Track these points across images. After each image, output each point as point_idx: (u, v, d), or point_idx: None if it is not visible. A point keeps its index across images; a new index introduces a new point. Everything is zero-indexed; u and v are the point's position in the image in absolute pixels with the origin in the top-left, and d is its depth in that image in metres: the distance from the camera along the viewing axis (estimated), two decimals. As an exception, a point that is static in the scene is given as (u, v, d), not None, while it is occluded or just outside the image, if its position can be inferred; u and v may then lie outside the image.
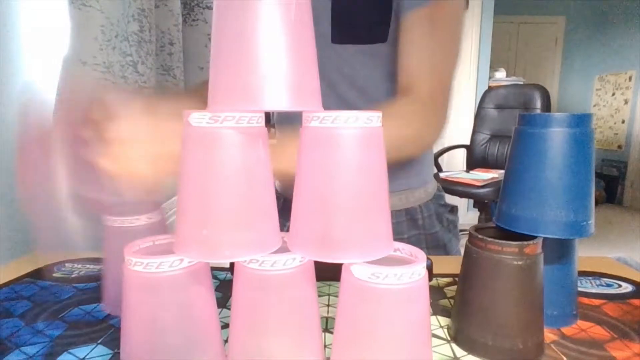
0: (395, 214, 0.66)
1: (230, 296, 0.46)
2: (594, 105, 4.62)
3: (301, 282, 0.29)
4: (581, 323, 0.40)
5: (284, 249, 0.29)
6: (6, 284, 0.48)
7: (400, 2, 0.54)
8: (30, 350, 0.35)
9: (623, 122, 4.24)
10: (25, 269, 0.54)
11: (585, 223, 0.34)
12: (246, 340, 0.30)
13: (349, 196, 0.28)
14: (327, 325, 0.40)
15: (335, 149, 0.28)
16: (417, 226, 0.67)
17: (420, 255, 0.29)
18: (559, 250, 0.35)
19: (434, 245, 0.67)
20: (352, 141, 0.27)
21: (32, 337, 0.37)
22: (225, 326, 0.39)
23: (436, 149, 3.04)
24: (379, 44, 0.57)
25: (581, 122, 0.34)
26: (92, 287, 0.48)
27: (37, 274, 0.51)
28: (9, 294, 0.46)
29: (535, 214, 0.34)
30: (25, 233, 0.71)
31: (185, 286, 0.29)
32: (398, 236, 0.66)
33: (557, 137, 0.34)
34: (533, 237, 0.35)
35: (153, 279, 0.28)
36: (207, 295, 0.31)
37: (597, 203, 4.19)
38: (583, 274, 0.53)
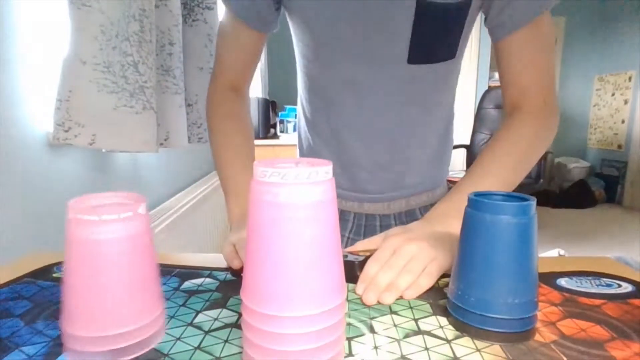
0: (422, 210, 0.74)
1: (230, 296, 0.46)
2: (594, 105, 4.62)
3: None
4: (581, 323, 0.40)
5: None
6: (6, 284, 0.48)
7: (501, 23, 0.56)
8: (30, 350, 0.35)
9: (623, 122, 4.24)
10: (25, 269, 0.54)
11: (528, 303, 0.37)
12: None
13: (296, 254, 0.29)
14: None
15: (283, 208, 0.29)
16: None
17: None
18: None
19: None
20: (300, 198, 0.29)
21: (32, 337, 0.37)
22: (226, 326, 0.39)
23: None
24: (448, 61, 0.62)
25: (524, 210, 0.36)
26: (92, 287, 0.48)
27: (37, 274, 0.51)
28: (9, 294, 0.46)
29: (485, 296, 0.37)
30: (25, 233, 0.71)
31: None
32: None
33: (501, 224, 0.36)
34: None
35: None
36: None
37: (597, 203, 4.20)
38: (583, 274, 0.53)
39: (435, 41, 0.59)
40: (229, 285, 0.49)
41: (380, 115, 0.65)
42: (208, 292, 0.47)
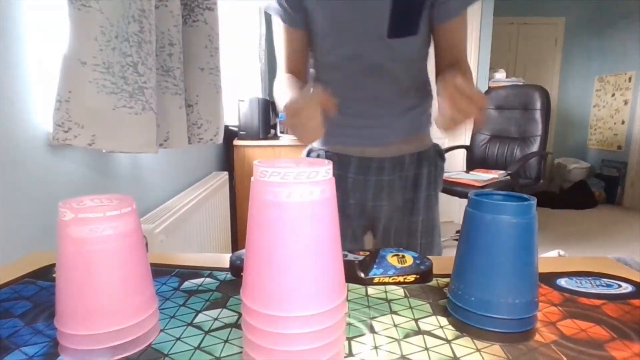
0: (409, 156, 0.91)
1: (230, 296, 0.46)
2: (594, 106, 4.62)
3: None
4: (581, 323, 0.40)
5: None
6: (6, 284, 0.48)
7: (446, 8, 0.79)
8: (30, 350, 0.35)
9: (623, 122, 4.24)
10: (25, 269, 0.54)
11: (528, 304, 0.37)
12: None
13: (296, 254, 0.29)
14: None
15: (283, 208, 0.29)
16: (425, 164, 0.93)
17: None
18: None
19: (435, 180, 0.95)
20: (301, 197, 0.29)
21: (32, 337, 0.37)
22: (226, 326, 0.39)
23: (436, 149, 3.04)
24: (412, 36, 0.80)
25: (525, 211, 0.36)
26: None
27: (37, 274, 0.51)
28: (9, 294, 0.46)
29: (485, 296, 0.37)
30: (25, 233, 0.71)
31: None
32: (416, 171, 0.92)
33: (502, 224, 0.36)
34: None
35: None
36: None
37: (597, 203, 4.19)
38: (583, 274, 0.53)
39: (409, 16, 0.78)
40: (229, 285, 0.49)
41: (375, 79, 0.84)
42: (208, 292, 0.47)
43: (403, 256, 0.51)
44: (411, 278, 0.49)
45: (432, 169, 0.93)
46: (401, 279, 0.49)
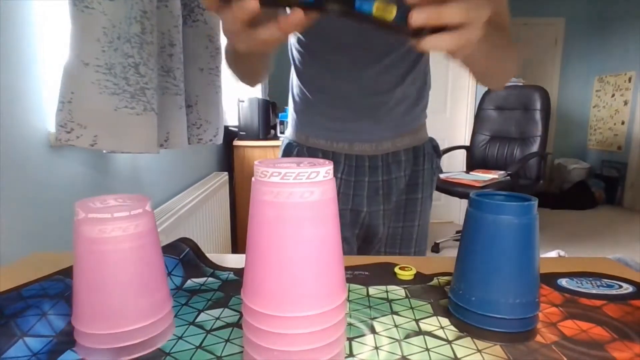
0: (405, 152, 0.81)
1: (232, 296, 0.46)
2: (594, 107, 4.63)
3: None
4: (582, 324, 0.40)
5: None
6: (35, 281, 0.48)
7: None
8: (37, 345, 0.35)
9: (623, 123, 4.25)
10: (26, 270, 0.54)
11: (530, 303, 0.37)
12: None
13: (297, 254, 0.29)
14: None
15: (284, 208, 0.29)
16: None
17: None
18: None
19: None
20: (302, 196, 0.29)
21: (42, 330, 0.37)
22: (228, 326, 0.39)
23: (436, 150, 3.04)
24: None
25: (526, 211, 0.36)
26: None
27: (67, 272, 0.51)
28: (37, 291, 0.45)
29: (486, 296, 0.37)
30: (26, 234, 0.71)
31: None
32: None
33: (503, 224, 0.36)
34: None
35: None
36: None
37: (597, 204, 4.20)
38: (583, 274, 0.53)
39: None
40: (232, 284, 0.49)
41: (371, 69, 0.73)
42: (210, 291, 0.47)
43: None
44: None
45: (429, 167, 0.84)
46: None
